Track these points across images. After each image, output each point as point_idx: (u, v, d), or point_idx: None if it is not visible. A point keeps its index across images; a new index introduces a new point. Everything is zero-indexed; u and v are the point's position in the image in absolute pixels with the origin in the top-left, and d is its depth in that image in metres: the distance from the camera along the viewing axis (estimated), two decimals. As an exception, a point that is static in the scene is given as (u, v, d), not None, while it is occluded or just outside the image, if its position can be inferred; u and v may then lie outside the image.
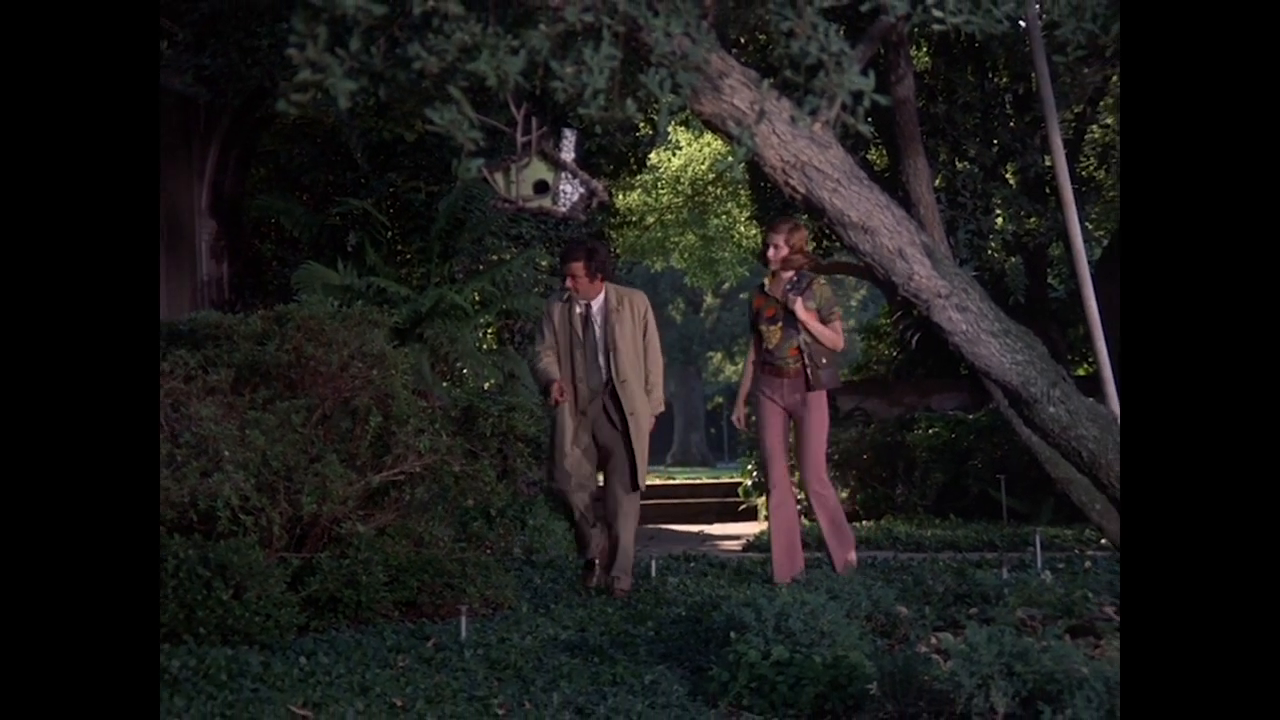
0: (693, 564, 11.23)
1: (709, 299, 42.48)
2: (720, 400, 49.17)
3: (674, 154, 23.30)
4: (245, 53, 6.84)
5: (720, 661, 7.04)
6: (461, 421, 11.67)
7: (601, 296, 9.42)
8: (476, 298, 14.02)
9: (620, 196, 21.31)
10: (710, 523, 19.45)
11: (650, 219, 23.82)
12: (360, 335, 10.02)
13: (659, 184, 23.42)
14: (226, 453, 8.24)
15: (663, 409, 9.71)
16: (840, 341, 9.64)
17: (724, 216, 24.16)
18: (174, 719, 5.78)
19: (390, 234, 14.68)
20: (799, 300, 9.46)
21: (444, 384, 11.88)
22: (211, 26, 6.64)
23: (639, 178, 21.63)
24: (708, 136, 22.03)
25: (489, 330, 15.48)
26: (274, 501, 8.43)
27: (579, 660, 7.44)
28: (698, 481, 27.35)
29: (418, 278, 14.03)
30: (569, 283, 9.37)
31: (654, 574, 10.04)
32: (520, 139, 6.18)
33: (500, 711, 6.39)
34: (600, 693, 6.77)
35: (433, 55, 5.30)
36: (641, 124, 17.22)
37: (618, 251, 21.46)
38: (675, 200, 23.80)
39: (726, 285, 34.70)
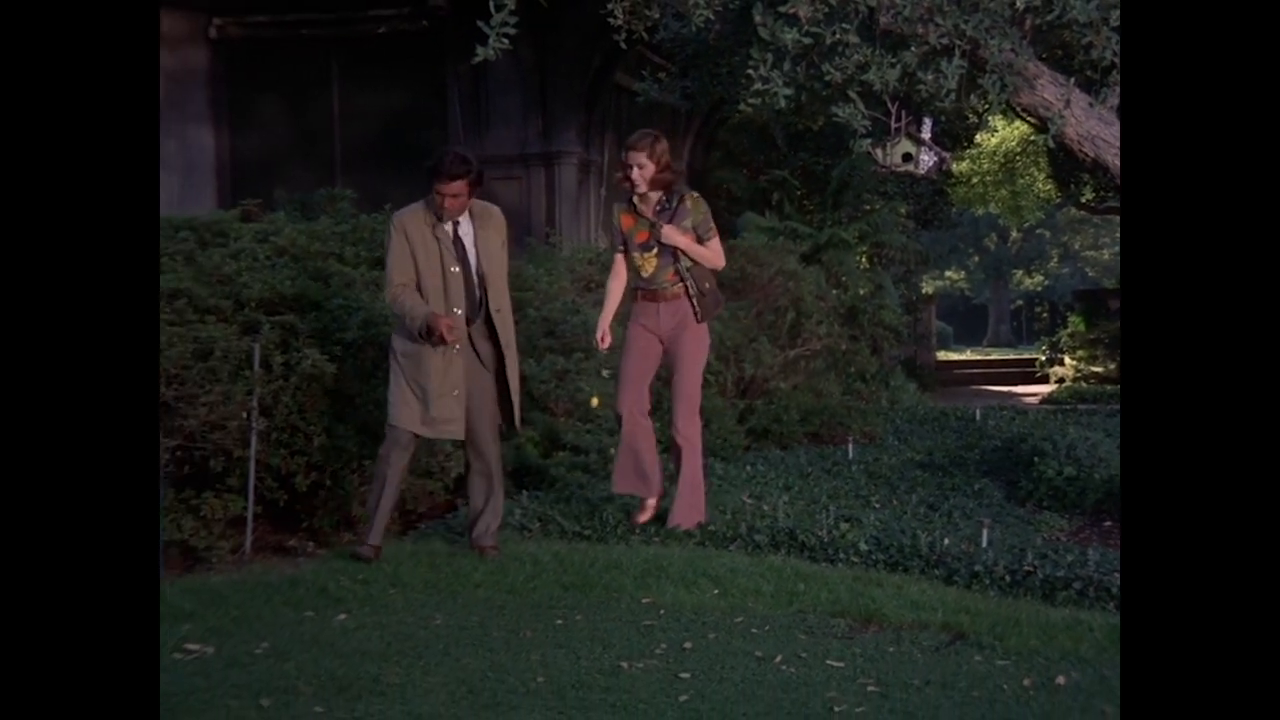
0: (1004, 412, 10.87)
1: (1014, 234, 40.59)
2: (1020, 303, 47.00)
3: (992, 134, 22.45)
4: (712, 77, 6.88)
5: (1027, 477, 6.83)
6: (846, 316, 11.62)
7: (466, 213, 5.14)
8: (856, 234, 13.82)
9: (955, 165, 20.60)
10: (1015, 384, 18.85)
11: (974, 179, 23.07)
12: (781, 259, 10.06)
13: (980, 155, 22.67)
14: (698, 335, 8.43)
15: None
16: (720, 260, 5.58)
17: (1027, 176, 23.23)
18: (670, 501, 5.96)
19: (800, 193, 14.60)
20: (671, 229, 5.39)
21: (834, 291, 11.75)
22: (692, 61, 6.74)
23: (967, 151, 20.93)
24: (1016, 121, 21.07)
25: (863, 256, 15.19)
26: (727, 367, 8.58)
27: (928, 474, 7.33)
28: (1006, 357, 26.64)
29: (817, 221, 13.90)
30: (448, 203, 5.01)
31: (978, 418, 9.75)
32: (894, 125, 6.07)
33: (876, 505, 6.37)
34: (943, 495, 6.68)
35: (838, 70, 5.23)
36: (970, 113, 16.58)
37: (952, 202, 20.75)
38: (992, 166, 23.03)
39: (1027, 224, 33.15)
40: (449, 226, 5.08)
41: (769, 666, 3.70)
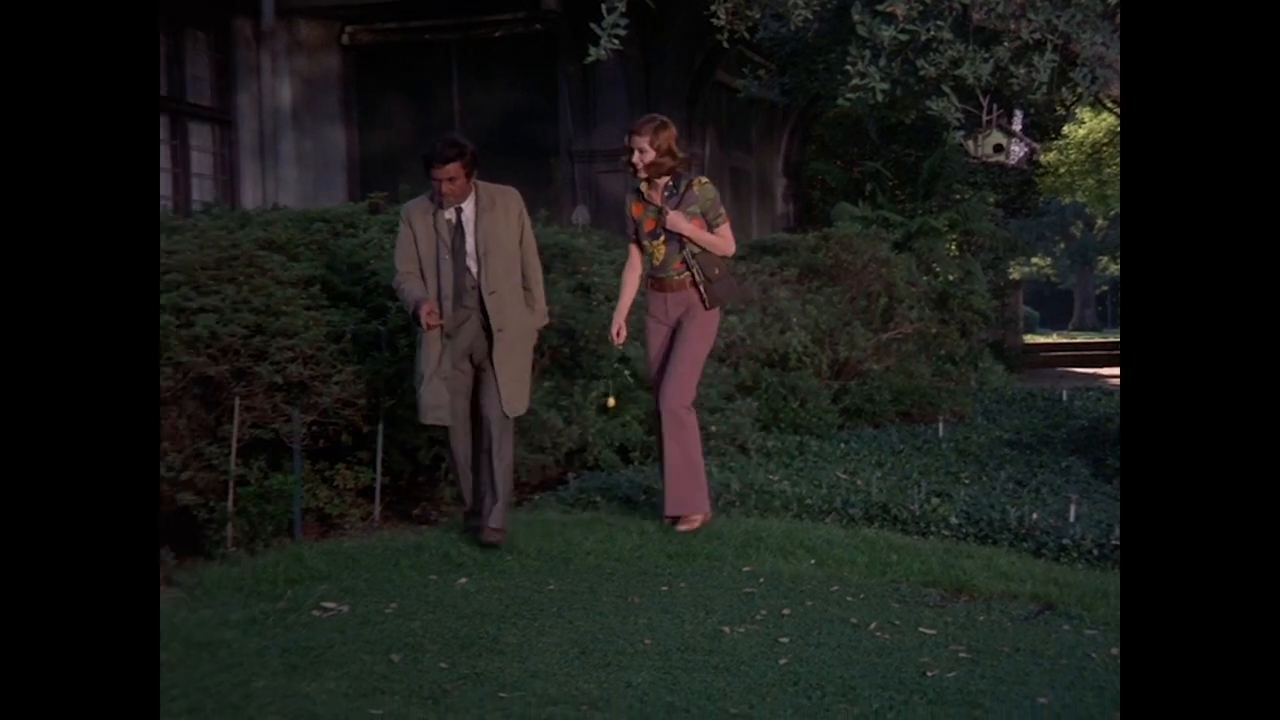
0: (1090, 393, 10.59)
1: (1100, 221, 39.42)
2: (1105, 288, 45.59)
3: (1079, 125, 21.84)
4: (809, 74, 6.83)
5: (1113, 455, 6.66)
6: (937, 300, 11.42)
7: (472, 198, 4.88)
8: (947, 223, 13.56)
9: (1043, 155, 20.10)
10: (1100, 367, 18.35)
11: (1062, 169, 22.48)
12: (874, 246, 9.93)
13: (1068, 146, 22.07)
14: (794, 319, 8.37)
15: (547, 320, 5.22)
16: (730, 246, 5.06)
17: (1114, 165, 22.55)
18: (768, 475, 5.94)
19: (892, 184, 14.38)
20: (676, 215, 4.96)
21: (925, 277, 11.55)
22: (790, 59, 6.69)
23: (1055, 142, 20.40)
24: (1103, 113, 20.46)
25: (953, 243, 14.90)
26: (823, 349, 8.51)
27: (1016, 451, 7.19)
28: (1091, 340, 25.97)
29: (909, 210, 13.68)
30: (444, 188, 4.79)
31: (1065, 399, 9.51)
32: (985, 117, 5.94)
33: (966, 481, 6.27)
34: (1031, 472, 6.54)
35: (932, 66, 5.14)
36: (1059, 105, 16.13)
37: (1040, 191, 20.25)
38: (1079, 156, 22.42)
39: (1113, 212, 32.18)
40: (450, 214, 4.85)
41: (864, 633, 3.68)
